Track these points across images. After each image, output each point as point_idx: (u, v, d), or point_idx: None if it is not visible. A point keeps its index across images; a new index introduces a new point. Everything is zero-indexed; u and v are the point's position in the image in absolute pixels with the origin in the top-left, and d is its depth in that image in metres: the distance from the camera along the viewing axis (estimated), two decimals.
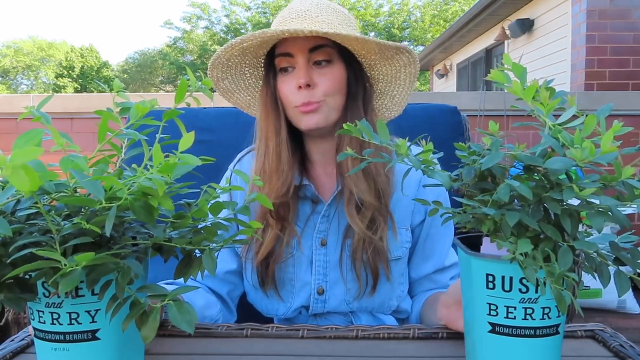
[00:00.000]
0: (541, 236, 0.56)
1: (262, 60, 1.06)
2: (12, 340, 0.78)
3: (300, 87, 0.97)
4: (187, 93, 0.58)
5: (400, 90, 1.08)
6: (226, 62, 1.02)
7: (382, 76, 1.07)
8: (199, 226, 0.59)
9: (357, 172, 0.97)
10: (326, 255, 1.05)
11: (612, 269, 0.56)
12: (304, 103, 0.97)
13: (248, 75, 1.08)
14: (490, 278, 0.58)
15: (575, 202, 0.54)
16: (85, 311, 0.56)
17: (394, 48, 0.98)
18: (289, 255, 1.04)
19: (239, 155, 1.15)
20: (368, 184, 0.99)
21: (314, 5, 1.00)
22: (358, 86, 1.02)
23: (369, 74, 1.06)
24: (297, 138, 1.06)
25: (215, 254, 0.57)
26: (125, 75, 28.65)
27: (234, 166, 1.13)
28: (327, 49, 0.98)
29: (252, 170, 1.05)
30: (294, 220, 1.03)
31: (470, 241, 0.65)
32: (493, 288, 0.58)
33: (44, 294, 0.55)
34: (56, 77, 27.98)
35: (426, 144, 0.60)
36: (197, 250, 0.59)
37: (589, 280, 2.28)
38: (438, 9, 21.63)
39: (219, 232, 0.59)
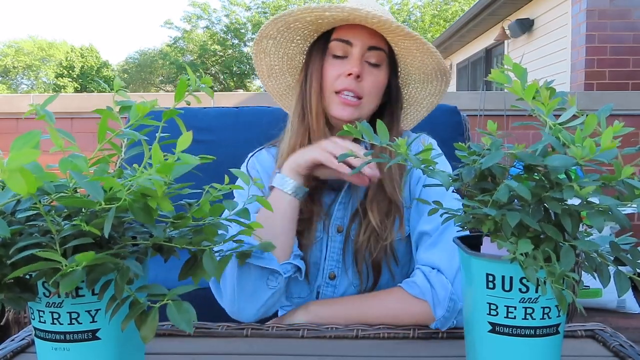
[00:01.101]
0: (541, 236, 0.56)
1: (309, 43, 1.08)
2: (13, 340, 0.78)
3: (350, 74, 0.99)
4: (187, 92, 0.58)
5: (415, 113, 1.17)
6: (276, 34, 1.05)
7: (407, 97, 1.14)
8: (202, 224, 0.59)
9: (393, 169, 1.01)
10: (341, 242, 1.06)
11: (611, 269, 0.56)
12: (346, 88, 0.99)
13: (293, 57, 1.10)
14: (491, 278, 0.58)
15: (575, 202, 0.54)
16: (86, 311, 0.56)
17: (441, 69, 1.04)
18: (316, 240, 1.05)
19: (250, 154, 1.13)
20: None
21: (379, 6, 1.04)
22: (393, 97, 1.08)
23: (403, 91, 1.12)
24: None
25: None
26: (125, 75, 28.60)
27: (247, 164, 1.12)
28: (381, 52, 1.02)
29: (282, 152, 1.04)
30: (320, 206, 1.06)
31: (471, 241, 0.65)
32: (493, 288, 0.58)
33: (44, 293, 0.55)
34: (56, 77, 27.95)
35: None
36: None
37: (589, 280, 2.28)
38: (438, 9, 21.61)
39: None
